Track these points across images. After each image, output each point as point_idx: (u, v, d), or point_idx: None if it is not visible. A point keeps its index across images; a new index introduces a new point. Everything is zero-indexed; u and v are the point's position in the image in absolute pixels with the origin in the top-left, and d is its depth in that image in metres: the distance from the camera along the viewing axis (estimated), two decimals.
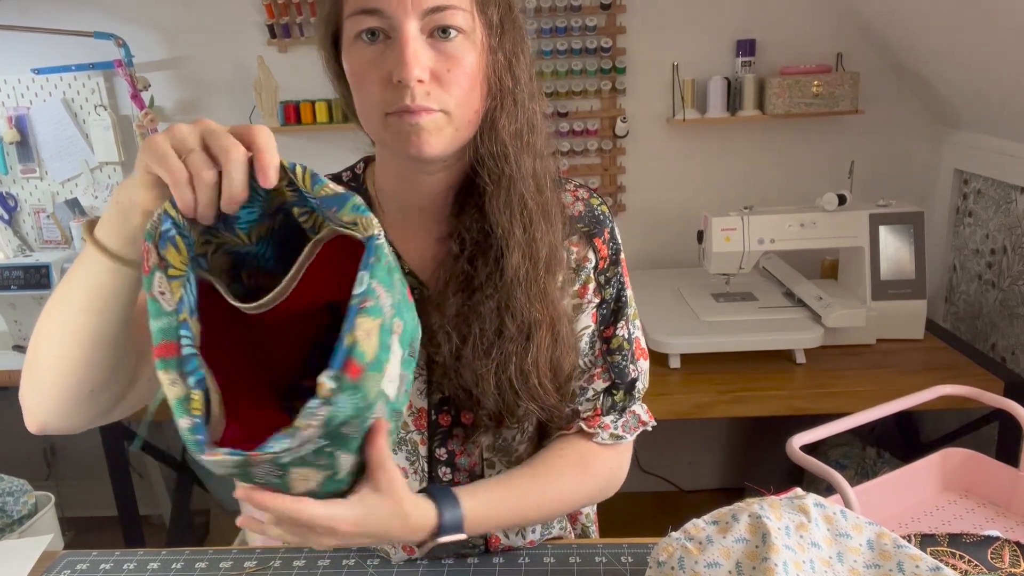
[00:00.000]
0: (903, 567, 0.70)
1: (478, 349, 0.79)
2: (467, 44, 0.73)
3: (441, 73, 0.72)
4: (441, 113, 0.72)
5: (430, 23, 0.71)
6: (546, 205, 0.81)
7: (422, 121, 0.71)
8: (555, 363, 0.82)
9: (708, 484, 2.63)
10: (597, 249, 0.89)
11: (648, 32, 2.21)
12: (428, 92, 0.71)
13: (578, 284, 0.88)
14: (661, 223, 2.36)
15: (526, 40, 0.79)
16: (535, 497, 0.84)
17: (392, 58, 0.71)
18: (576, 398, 0.90)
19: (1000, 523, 1.14)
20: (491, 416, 0.82)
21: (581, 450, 0.89)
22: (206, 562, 0.89)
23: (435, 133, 0.73)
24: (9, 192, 2.39)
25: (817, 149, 2.29)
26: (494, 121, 0.77)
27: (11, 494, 1.60)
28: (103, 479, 2.02)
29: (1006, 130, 1.91)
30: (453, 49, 0.72)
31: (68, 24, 2.19)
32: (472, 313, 0.79)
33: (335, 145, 2.27)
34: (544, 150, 0.82)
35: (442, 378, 0.83)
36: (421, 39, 0.71)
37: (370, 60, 0.72)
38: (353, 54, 0.74)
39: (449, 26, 0.71)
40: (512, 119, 0.77)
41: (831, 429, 1.16)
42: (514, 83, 0.77)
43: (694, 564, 0.69)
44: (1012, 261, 1.95)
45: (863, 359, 1.85)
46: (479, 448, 0.88)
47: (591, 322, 0.89)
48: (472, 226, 0.80)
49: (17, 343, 2.08)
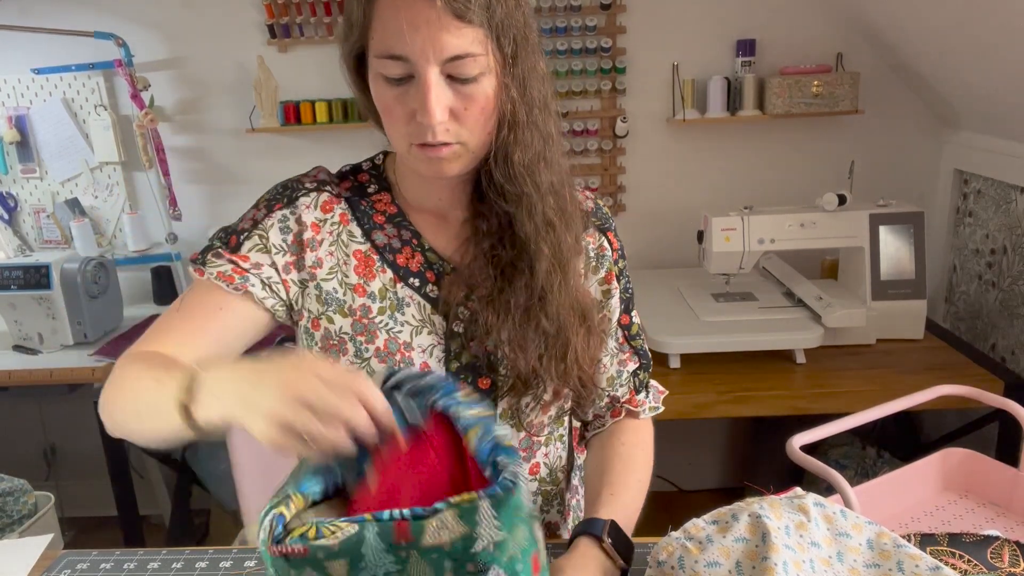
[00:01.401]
0: (903, 567, 0.70)
1: (513, 322, 0.85)
2: (483, 83, 0.77)
3: (459, 111, 0.77)
4: (459, 145, 0.79)
5: (449, 69, 0.75)
6: (565, 207, 0.87)
7: (443, 154, 0.78)
8: (592, 351, 0.90)
9: (708, 484, 2.63)
10: (610, 241, 0.97)
11: (648, 32, 2.21)
12: (447, 129, 0.77)
13: (603, 271, 0.96)
14: (661, 223, 2.36)
15: (541, 59, 0.83)
16: (637, 486, 0.94)
17: (416, 99, 0.76)
18: (613, 383, 0.99)
19: (1000, 523, 1.14)
20: (519, 378, 0.87)
21: (635, 430, 1.00)
22: (206, 562, 0.89)
23: (454, 161, 0.80)
24: (9, 192, 2.39)
25: (817, 149, 2.29)
26: (508, 153, 0.81)
27: (11, 494, 1.61)
28: (103, 479, 2.02)
29: (1006, 130, 1.91)
30: (470, 91, 0.77)
31: (68, 24, 2.19)
32: (505, 287, 0.86)
33: (335, 145, 2.27)
34: (561, 160, 0.87)
35: (461, 349, 0.88)
36: (442, 82, 0.75)
37: (395, 97, 0.77)
38: (379, 88, 0.79)
39: (466, 76, 0.76)
40: (527, 149, 0.82)
41: (831, 429, 1.16)
42: (528, 111, 0.81)
43: (694, 563, 0.69)
44: (1012, 261, 1.95)
45: (863, 359, 1.85)
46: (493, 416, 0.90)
47: (619, 305, 0.98)
48: (493, 209, 0.86)
49: (17, 343, 2.08)
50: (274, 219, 0.87)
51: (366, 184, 0.92)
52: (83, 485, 2.58)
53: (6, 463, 2.33)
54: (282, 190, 0.90)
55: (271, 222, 0.87)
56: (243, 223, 0.88)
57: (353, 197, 0.90)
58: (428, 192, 0.90)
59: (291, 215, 0.87)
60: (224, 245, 0.87)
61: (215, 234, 0.89)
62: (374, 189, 0.92)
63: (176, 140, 2.36)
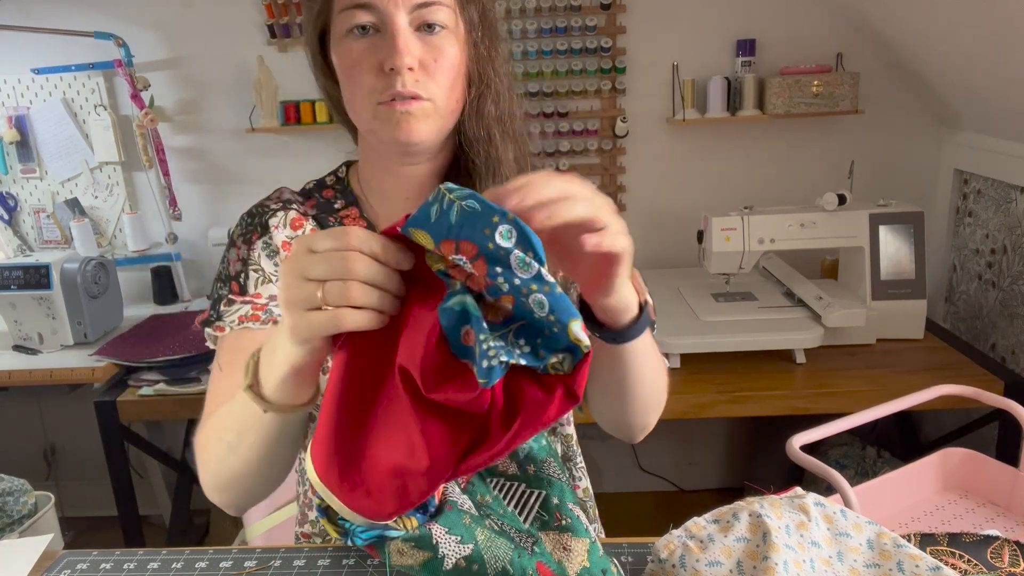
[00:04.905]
0: (903, 566, 0.70)
1: None
2: (451, 38, 0.78)
3: (428, 63, 0.77)
4: (428, 102, 0.78)
5: (417, 18, 0.76)
6: None
7: (411, 108, 0.77)
8: None
9: (708, 484, 2.63)
10: None
11: (648, 32, 2.21)
12: (417, 80, 0.77)
13: None
14: (661, 223, 2.36)
15: (502, 37, 0.86)
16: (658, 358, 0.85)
17: (384, 48, 0.76)
18: None
19: (1000, 523, 1.14)
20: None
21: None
22: (206, 562, 0.89)
23: (423, 120, 0.78)
24: (9, 192, 2.39)
25: (817, 149, 2.29)
26: (480, 107, 0.83)
27: (11, 494, 1.60)
28: (103, 479, 2.02)
29: (1006, 130, 1.91)
30: (438, 42, 0.77)
31: (68, 24, 2.19)
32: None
33: (335, 145, 2.26)
34: (522, 137, 0.88)
35: None
36: (410, 31, 0.76)
37: (362, 51, 0.77)
38: (344, 46, 0.78)
39: (434, 22, 0.77)
40: (495, 105, 0.84)
41: (831, 429, 1.16)
42: (495, 74, 0.83)
43: (695, 563, 0.69)
44: (1012, 261, 1.95)
45: (863, 359, 1.85)
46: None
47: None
48: None
49: (17, 343, 2.08)
50: (257, 249, 0.87)
51: (332, 200, 0.91)
52: (83, 485, 2.58)
53: (6, 463, 2.33)
54: (250, 220, 0.89)
55: (256, 253, 0.87)
56: (231, 267, 0.87)
57: (320, 215, 0.89)
58: (395, 189, 0.88)
59: (269, 241, 0.87)
60: (230, 292, 0.86)
61: (213, 289, 0.89)
62: (341, 204, 0.90)
63: (176, 140, 2.36)
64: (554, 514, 0.67)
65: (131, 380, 1.93)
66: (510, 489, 0.69)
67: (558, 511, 0.67)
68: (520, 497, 0.69)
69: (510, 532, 0.65)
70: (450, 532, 0.63)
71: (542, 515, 0.67)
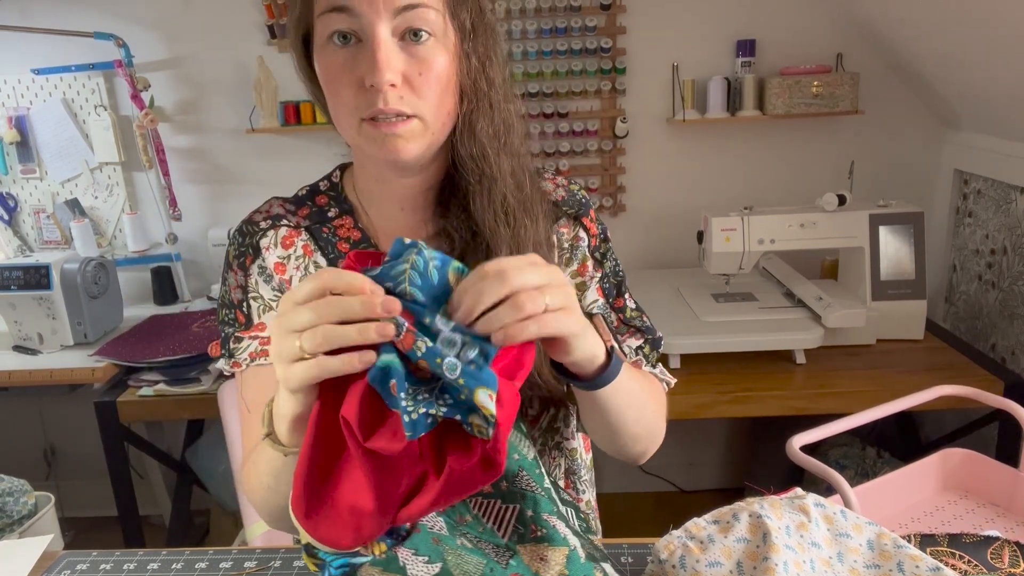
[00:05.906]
0: (903, 567, 0.70)
1: None
2: (438, 47, 0.73)
3: (412, 76, 0.72)
4: (416, 120, 0.73)
5: (401, 24, 0.70)
6: (527, 202, 0.82)
7: (397, 130, 0.72)
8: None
9: (708, 484, 2.63)
10: (587, 227, 0.91)
11: (648, 32, 2.21)
12: (401, 96, 0.71)
13: (576, 263, 0.90)
14: (661, 223, 2.36)
15: (500, 42, 0.80)
16: (647, 392, 0.85)
17: (364, 62, 0.70)
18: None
19: (1000, 523, 1.14)
20: None
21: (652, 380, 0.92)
22: (206, 562, 0.89)
23: (410, 140, 0.74)
24: (9, 192, 2.39)
25: (817, 149, 2.29)
26: (472, 124, 0.77)
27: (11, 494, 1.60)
28: (103, 479, 2.02)
29: (1006, 130, 1.91)
30: (424, 52, 0.72)
31: (68, 24, 2.19)
32: None
33: (335, 145, 2.25)
34: (521, 148, 0.83)
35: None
36: (392, 42, 0.71)
37: (342, 64, 0.72)
38: (325, 57, 0.74)
39: (420, 28, 0.71)
40: (489, 121, 0.78)
41: (831, 429, 1.16)
42: (489, 86, 0.77)
43: (695, 563, 0.69)
44: (1012, 261, 1.95)
45: (863, 359, 1.85)
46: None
47: (598, 296, 0.92)
48: (460, 225, 0.81)
49: (17, 343, 2.08)
50: (254, 275, 0.86)
51: (326, 208, 0.88)
52: (83, 485, 2.59)
53: (6, 463, 2.33)
54: (242, 240, 0.87)
55: (253, 280, 0.86)
56: (232, 293, 0.87)
57: (313, 225, 0.87)
58: (389, 200, 0.85)
59: (263, 265, 0.86)
60: (235, 325, 0.86)
61: (220, 318, 0.88)
62: (335, 213, 0.88)
63: (176, 140, 2.36)
64: (529, 526, 0.68)
65: (131, 380, 1.93)
66: (487, 507, 0.70)
67: (533, 523, 0.68)
68: (497, 513, 0.70)
69: (486, 548, 0.66)
70: (417, 553, 0.64)
71: (519, 528, 0.68)
